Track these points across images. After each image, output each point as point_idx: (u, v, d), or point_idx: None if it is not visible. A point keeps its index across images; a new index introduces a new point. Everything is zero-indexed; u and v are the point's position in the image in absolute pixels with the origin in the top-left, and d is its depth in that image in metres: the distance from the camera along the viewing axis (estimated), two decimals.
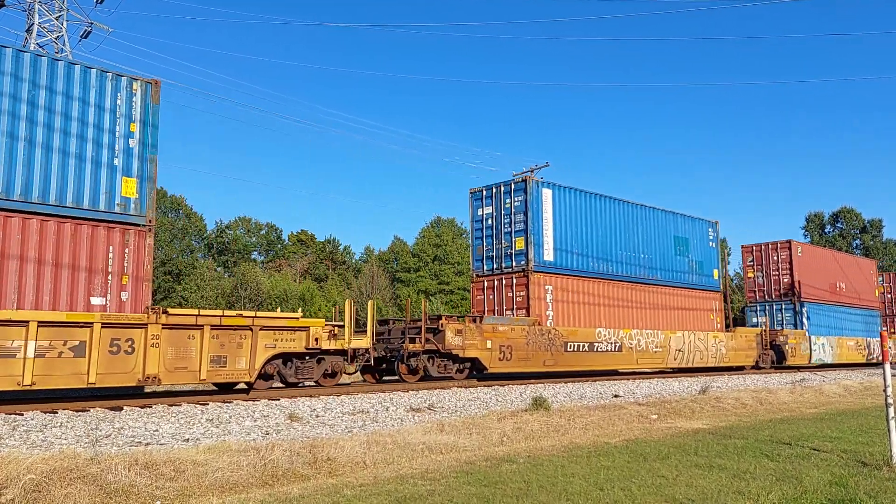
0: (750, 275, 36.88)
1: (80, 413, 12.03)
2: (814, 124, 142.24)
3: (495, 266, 22.90)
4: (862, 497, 6.56)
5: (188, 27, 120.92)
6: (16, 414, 11.56)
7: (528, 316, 21.28)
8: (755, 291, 36.48)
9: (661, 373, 27.05)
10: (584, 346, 22.22)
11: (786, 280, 35.13)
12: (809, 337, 33.39)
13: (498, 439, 10.53)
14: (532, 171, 43.08)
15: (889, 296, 47.31)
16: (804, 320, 34.30)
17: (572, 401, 16.38)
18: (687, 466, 8.17)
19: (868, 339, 38.55)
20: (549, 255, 22.32)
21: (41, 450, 8.67)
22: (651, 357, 24.72)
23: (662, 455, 8.98)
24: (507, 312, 21.88)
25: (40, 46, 37.91)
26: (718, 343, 28.02)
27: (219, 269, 71.24)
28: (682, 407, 14.75)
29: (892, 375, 8.91)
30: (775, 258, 35.67)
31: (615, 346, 23.30)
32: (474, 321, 19.48)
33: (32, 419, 11.18)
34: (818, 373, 30.67)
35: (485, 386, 18.92)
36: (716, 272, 29.71)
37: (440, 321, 18.70)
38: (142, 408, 12.83)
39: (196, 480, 7.18)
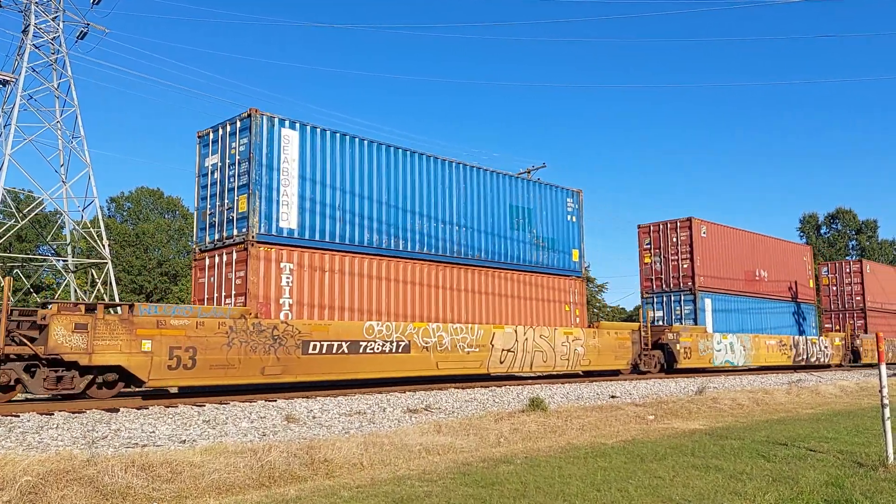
0: (647, 260, 31.54)
1: (76, 415, 12.00)
2: (809, 125, 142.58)
3: (217, 237, 16.84)
4: (858, 497, 6.58)
5: (183, 28, 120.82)
6: (12, 415, 11.53)
7: (245, 304, 15.65)
8: (651, 280, 31.03)
9: (484, 379, 21.48)
10: (339, 346, 16.42)
11: (685, 266, 29.63)
12: (712, 334, 28.32)
13: (495, 440, 10.54)
14: (529, 172, 43.09)
15: (834, 288, 43.92)
16: (706, 315, 29.34)
17: (569, 401, 16.40)
18: (684, 467, 8.18)
19: (796, 337, 33.62)
20: (288, 222, 16.46)
21: (38, 451, 8.65)
22: (460, 360, 19.00)
23: (659, 456, 8.99)
24: (227, 301, 16.25)
25: (36, 47, 37.87)
26: (573, 342, 22.29)
27: None
28: (679, 408, 14.77)
29: (891, 375, 8.93)
30: (674, 240, 30.05)
31: (397, 346, 17.60)
32: (117, 311, 14.10)
33: (29, 421, 11.16)
34: (718, 378, 25.55)
35: (482, 387, 18.89)
36: (576, 253, 24.11)
37: (47, 311, 12.85)
38: (138, 409, 12.80)
39: (193, 482, 7.17)
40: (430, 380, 19.76)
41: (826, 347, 35.63)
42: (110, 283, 38.11)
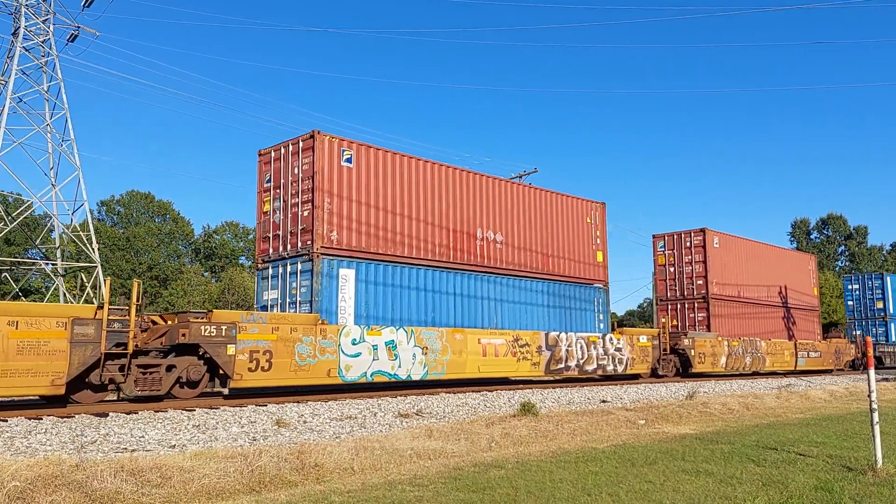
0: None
1: (65, 419, 11.93)
2: (800, 131, 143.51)
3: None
4: (847, 501, 6.61)
5: (175, 31, 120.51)
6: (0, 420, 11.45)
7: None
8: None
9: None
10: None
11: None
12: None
13: (486, 445, 10.53)
14: (521, 177, 43.23)
15: (672, 269, 33.97)
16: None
17: (560, 406, 16.41)
18: (674, 472, 8.20)
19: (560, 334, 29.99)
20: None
21: (26, 456, 8.59)
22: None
23: (650, 460, 9.01)
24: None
25: (26, 50, 37.69)
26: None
27: (206, 273, 70.90)
28: (670, 412, 14.80)
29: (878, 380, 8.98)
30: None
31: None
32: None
33: (17, 425, 11.08)
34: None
35: (473, 391, 18.91)
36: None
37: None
38: (127, 414, 12.73)
39: (182, 487, 7.13)
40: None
41: (620, 350, 24.92)
42: (99, 287, 37.89)
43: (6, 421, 11.41)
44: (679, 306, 31.76)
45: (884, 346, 44.49)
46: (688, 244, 31.69)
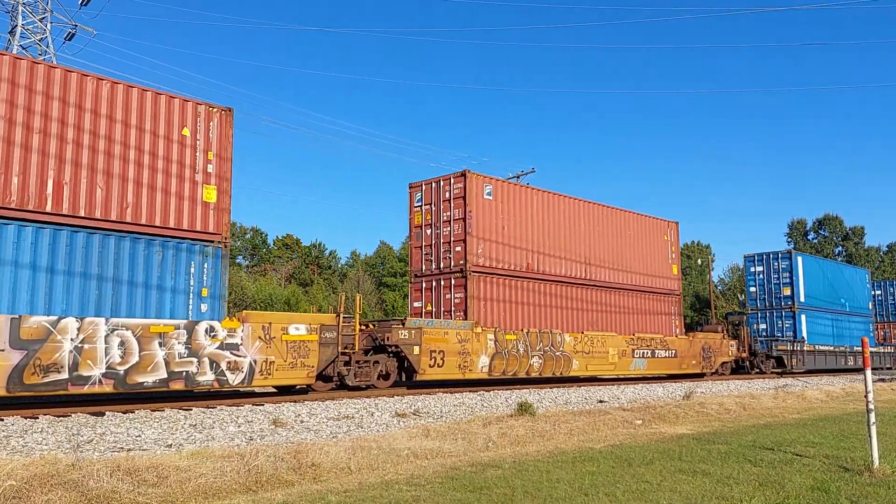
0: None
1: (61, 418, 11.90)
2: (799, 131, 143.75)
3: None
4: (844, 502, 6.62)
5: (171, 29, 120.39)
6: None
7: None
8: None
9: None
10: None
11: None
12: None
13: (483, 444, 10.52)
14: (518, 177, 43.25)
15: (429, 231, 29.75)
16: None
17: (557, 406, 16.43)
18: (671, 472, 8.20)
19: None
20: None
21: (21, 455, 8.56)
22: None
23: (647, 460, 9.01)
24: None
25: (23, 48, 37.60)
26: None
27: None
28: (667, 412, 14.81)
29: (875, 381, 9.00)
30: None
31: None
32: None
33: (13, 424, 11.05)
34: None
35: (470, 391, 18.93)
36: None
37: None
38: (124, 413, 12.71)
39: (179, 486, 7.12)
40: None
41: (236, 349, 15.47)
42: None
43: (2, 420, 11.39)
44: (435, 284, 22.46)
45: (789, 343, 35.03)
46: (447, 196, 22.48)
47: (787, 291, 36.88)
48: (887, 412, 14.99)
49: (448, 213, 22.32)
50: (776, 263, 37.57)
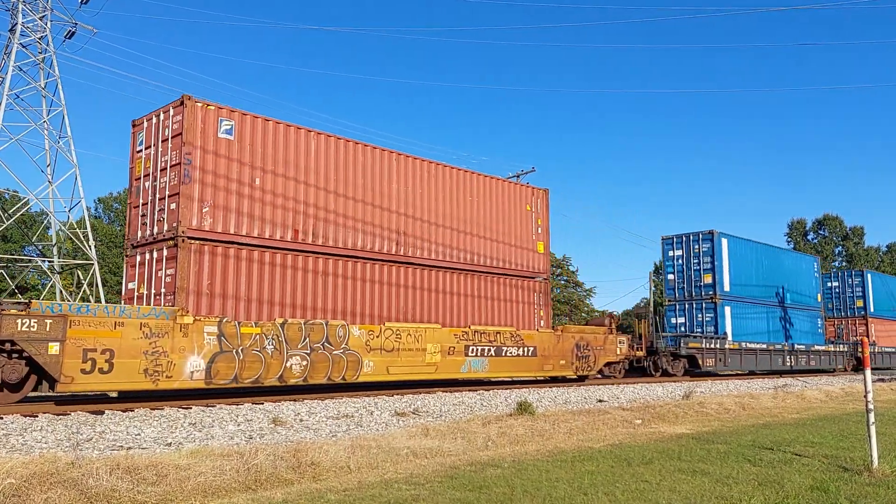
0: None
1: (60, 417, 11.91)
2: (798, 132, 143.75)
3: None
4: (843, 502, 6.62)
5: (173, 28, 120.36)
6: None
7: None
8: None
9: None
10: None
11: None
12: None
13: (483, 444, 10.53)
14: (518, 177, 43.22)
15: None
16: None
17: (557, 405, 16.44)
18: (670, 471, 8.20)
19: None
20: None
21: (21, 454, 8.56)
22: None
23: (646, 460, 9.01)
24: None
25: (23, 46, 37.57)
26: None
27: None
28: (666, 412, 14.82)
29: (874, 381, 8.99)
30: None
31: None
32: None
33: (13, 422, 11.06)
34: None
35: (470, 391, 18.93)
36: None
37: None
38: (123, 411, 12.71)
39: (178, 485, 7.12)
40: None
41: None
42: (96, 285, 37.81)
43: (2, 418, 11.39)
44: (148, 257, 16.34)
45: (705, 340, 29.65)
46: (166, 134, 16.43)
47: (709, 279, 31.20)
48: (886, 412, 15.00)
49: (166, 158, 16.14)
50: (696, 246, 31.66)
